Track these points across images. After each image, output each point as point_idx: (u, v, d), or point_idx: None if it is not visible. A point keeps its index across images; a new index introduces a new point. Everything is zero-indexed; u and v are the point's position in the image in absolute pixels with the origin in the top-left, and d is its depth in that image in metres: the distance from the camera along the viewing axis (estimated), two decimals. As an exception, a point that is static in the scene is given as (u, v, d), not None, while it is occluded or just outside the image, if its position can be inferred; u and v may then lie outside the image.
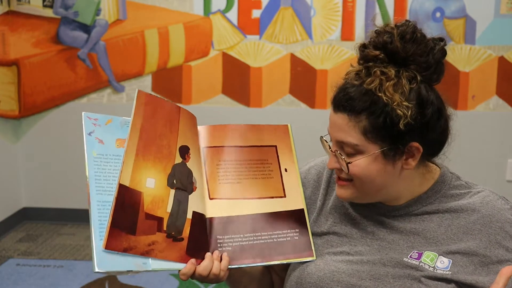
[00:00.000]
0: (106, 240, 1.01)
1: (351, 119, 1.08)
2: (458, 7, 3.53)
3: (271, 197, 1.19)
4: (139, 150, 1.09)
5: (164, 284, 3.05)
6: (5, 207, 3.81)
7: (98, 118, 1.13)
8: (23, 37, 3.79)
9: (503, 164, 3.64)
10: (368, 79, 1.06)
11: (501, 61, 3.55)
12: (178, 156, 1.13)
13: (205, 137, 1.21)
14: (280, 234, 1.16)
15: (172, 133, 1.14)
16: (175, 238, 1.08)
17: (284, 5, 3.64)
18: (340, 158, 1.10)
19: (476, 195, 1.14)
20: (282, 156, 1.23)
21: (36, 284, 3.05)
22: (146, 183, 1.08)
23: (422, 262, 1.09)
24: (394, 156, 1.08)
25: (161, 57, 3.76)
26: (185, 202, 1.11)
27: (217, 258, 1.10)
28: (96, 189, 1.06)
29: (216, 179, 1.18)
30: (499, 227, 1.10)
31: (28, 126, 3.90)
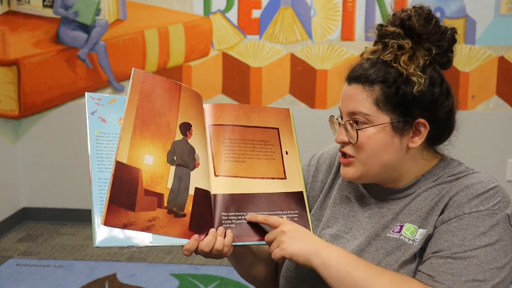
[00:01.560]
0: (105, 216, 1.02)
1: (365, 89, 1.12)
2: (458, 7, 3.53)
3: (272, 178, 1.21)
4: (136, 127, 1.09)
5: (164, 284, 3.05)
6: (5, 207, 3.81)
7: (101, 98, 1.14)
8: (23, 37, 3.79)
9: (503, 164, 3.64)
10: (384, 52, 1.12)
11: (501, 61, 3.55)
12: (178, 133, 1.14)
13: (210, 115, 1.22)
14: (280, 214, 1.18)
15: (172, 110, 1.14)
16: (176, 214, 1.09)
17: (284, 5, 3.64)
18: (350, 127, 1.13)
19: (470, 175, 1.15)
20: (283, 139, 1.25)
21: (36, 284, 3.05)
22: (144, 160, 1.08)
23: (402, 235, 1.12)
24: (402, 129, 1.12)
25: (161, 57, 3.76)
26: (186, 178, 1.12)
27: (221, 234, 1.11)
28: (97, 167, 1.07)
29: (221, 156, 1.19)
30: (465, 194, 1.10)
31: (28, 126, 3.90)
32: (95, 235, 1.02)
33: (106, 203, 1.03)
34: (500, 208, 1.09)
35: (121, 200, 1.04)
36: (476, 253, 1.05)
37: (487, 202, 1.09)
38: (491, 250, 1.06)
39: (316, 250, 1.08)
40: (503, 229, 1.07)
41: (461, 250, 1.05)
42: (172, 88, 1.17)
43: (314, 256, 1.07)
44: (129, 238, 1.04)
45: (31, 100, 3.86)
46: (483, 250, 1.05)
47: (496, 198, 1.10)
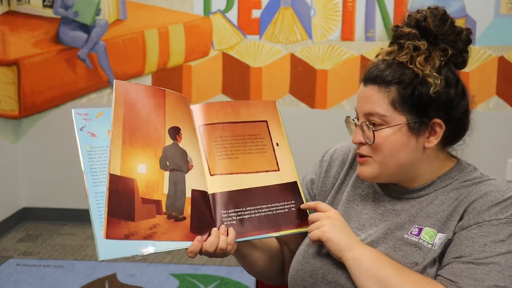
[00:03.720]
0: (106, 230, 1.03)
1: (381, 90, 1.13)
2: (458, 7, 3.53)
3: (266, 170, 1.22)
4: (125, 138, 1.10)
5: (164, 284, 3.05)
6: (5, 207, 3.81)
7: (88, 112, 1.15)
8: (23, 37, 3.79)
9: (503, 164, 3.64)
10: (400, 53, 1.13)
11: (501, 61, 3.55)
12: (168, 138, 1.14)
13: (199, 115, 1.22)
14: (278, 206, 1.19)
15: (159, 117, 1.15)
16: (176, 218, 1.10)
17: (284, 5, 3.64)
18: (367, 128, 1.14)
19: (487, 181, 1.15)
20: (273, 131, 1.26)
21: (36, 284, 3.05)
22: (137, 169, 1.09)
23: (421, 239, 1.13)
24: (418, 130, 1.13)
25: (161, 57, 3.76)
26: (182, 182, 1.12)
27: (224, 233, 1.12)
28: (92, 181, 1.08)
29: (215, 155, 1.20)
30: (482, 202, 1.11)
31: (28, 126, 3.90)
32: (98, 249, 1.03)
33: (105, 216, 1.04)
34: None
35: (119, 211, 1.05)
36: (497, 260, 1.06)
37: (506, 211, 1.10)
38: (511, 257, 1.07)
39: (351, 244, 1.11)
40: None
41: (483, 256, 1.07)
42: (156, 94, 1.17)
43: (348, 249, 1.10)
44: (133, 248, 1.05)
45: (31, 100, 3.86)
46: (503, 257, 1.07)
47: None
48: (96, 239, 1.04)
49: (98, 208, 1.06)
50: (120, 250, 1.04)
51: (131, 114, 1.12)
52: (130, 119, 1.12)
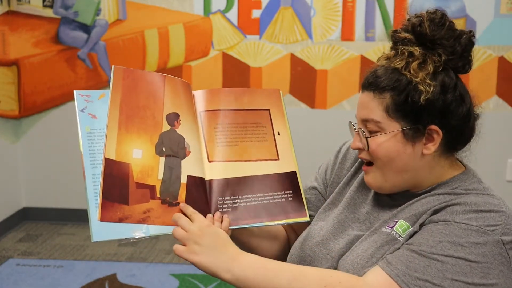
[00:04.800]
0: (100, 212, 1.05)
1: (376, 96, 1.11)
2: (458, 7, 3.53)
3: (265, 159, 1.22)
4: (121, 123, 1.11)
5: (164, 284, 3.05)
6: (5, 207, 3.81)
7: (90, 94, 1.16)
8: (23, 37, 3.79)
9: (503, 164, 3.64)
10: (395, 59, 1.12)
11: (501, 61, 3.55)
12: (166, 124, 1.15)
13: (201, 101, 1.22)
14: (275, 195, 1.19)
15: (157, 103, 1.15)
16: (170, 204, 1.11)
17: (284, 5, 3.64)
18: (361, 135, 1.13)
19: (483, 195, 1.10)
20: (275, 120, 1.25)
21: (36, 284, 3.05)
22: (132, 154, 1.10)
23: (394, 230, 1.11)
24: (413, 137, 1.10)
25: (161, 57, 3.76)
26: (177, 168, 1.13)
27: (218, 219, 1.13)
28: (90, 163, 1.09)
29: (214, 142, 1.20)
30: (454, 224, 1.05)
31: (28, 126, 3.90)
32: (92, 231, 1.04)
33: (100, 199, 1.05)
34: (496, 232, 1.03)
35: (114, 195, 1.07)
36: (443, 259, 1.01)
37: (482, 221, 1.04)
38: (464, 265, 1.01)
39: (227, 264, 1.05)
40: (490, 254, 1.02)
41: (429, 250, 1.03)
42: (155, 80, 1.17)
43: (225, 271, 1.05)
44: (126, 231, 1.06)
45: (31, 100, 3.86)
46: (454, 260, 1.01)
47: (496, 221, 1.04)
48: (90, 221, 1.05)
49: (94, 190, 1.07)
50: (113, 232, 1.05)
51: (128, 100, 1.14)
52: (127, 104, 1.13)
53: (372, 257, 1.10)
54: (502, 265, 1.02)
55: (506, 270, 1.03)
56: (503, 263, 1.02)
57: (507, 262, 1.03)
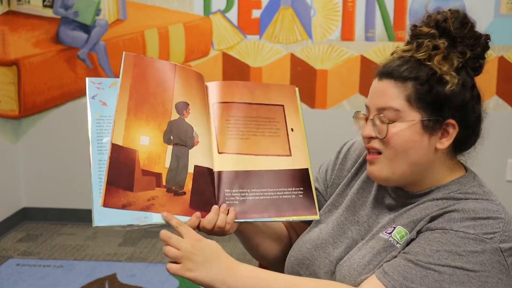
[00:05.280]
0: (104, 198, 1.04)
1: (397, 85, 1.10)
2: (458, 7, 3.53)
3: (277, 155, 1.21)
4: (130, 109, 1.11)
5: (164, 284, 3.05)
6: (5, 207, 3.81)
7: (102, 82, 1.16)
8: (23, 37, 3.79)
9: (503, 164, 3.64)
10: (418, 51, 1.11)
11: (501, 61, 3.55)
12: (175, 113, 1.15)
13: (215, 93, 1.22)
14: (285, 191, 1.18)
15: (166, 91, 1.15)
16: (176, 193, 1.10)
17: (284, 5, 3.64)
18: (380, 122, 1.11)
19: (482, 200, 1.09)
20: (289, 116, 1.25)
21: (36, 284, 3.05)
22: (140, 141, 1.10)
23: (392, 237, 1.10)
24: (432, 129, 1.10)
25: (161, 57, 3.76)
26: (185, 156, 1.13)
27: (224, 212, 1.12)
28: (97, 149, 1.09)
29: (225, 133, 1.19)
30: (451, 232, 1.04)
31: (28, 126, 3.90)
32: (94, 216, 1.04)
33: (104, 185, 1.05)
34: (494, 239, 1.01)
35: (119, 181, 1.06)
36: (441, 269, 1.00)
37: (480, 229, 1.02)
38: (461, 274, 1.00)
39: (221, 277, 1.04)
40: (488, 262, 1.00)
41: (426, 260, 1.01)
42: (166, 69, 1.17)
43: (220, 283, 1.04)
44: (129, 218, 1.05)
45: (31, 100, 3.86)
46: (451, 269, 1.00)
47: (494, 228, 1.03)
48: (93, 206, 1.04)
49: (99, 176, 1.07)
50: (115, 218, 1.05)
51: (138, 86, 1.13)
52: (137, 91, 1.13)
53: (369, 264, 1.09)
54: (500, 273, 1.01)
55: (505, 278, 1.02)
56: (501, 271, 1.01)
57: (506, 269, 1.02)
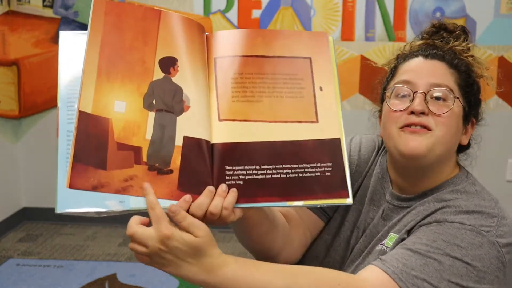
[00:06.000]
0: (70, 178, 0.85)
1: (448, 68, 1.09)
2: (458, 7, 3.53)
3: (299, 121, 0.96)
4: (101, 69, 0.90)
5: (164, 284, 3.04)
6: (5, 207, 3.81)
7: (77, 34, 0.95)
8: (23, 37, 3.79)
9: (503, 164, 3.64)
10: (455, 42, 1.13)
11: (501, 61, 3.55)
12: (158, 71, 0.93)
13: (219, 45, 0.98)
14: (307, 168, 0.93)
15: (148, 45, 0.93)
16: (160, 171, 0.89)
17: (284, 5, 3.64)
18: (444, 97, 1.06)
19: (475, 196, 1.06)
20: (317, 71, 0.99)
21: (36, 284, 3.05)
22: (114, 107, 0.89)
23: (384, 245, 1.07)
24: (466, 121, 1.11)
25: (161, 57, 3.76)
26: (171, 126, 0.91)
27: (222, 194, 0.90)
28: (67, 117, 0.89)
29: (229, 95, 0.95)
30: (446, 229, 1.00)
31: (28, 126, 3.90)
32: (57, 199, 0.85)
33: (71, 162, 0.86)
34: (490, 233, 0.98)
35: (88, 157, 0.86)
36: (441, 259, 0.95)
37: (475, 221, 0.99)
38: (461, 266, 0.95)
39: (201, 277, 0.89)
40: (487, 257, 0.97)
41: (425, 249, 0.96)
42: (147, 16, 0.94)
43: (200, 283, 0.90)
44: (100, 202, 0.86)
45: (31, 100, 3.86)
46: (451, 259, 0.95)
47: (488, 222, 0.99)
48: (57, 188, 0.86)
49: (67, 150, 0.87)
50: (83, 202, 0.85)
51: (111, 40, 0.91)
52: (110, 46, 0.91)
53: None
54: (498, 270, 0.98)
55: (501, 276, 0.99)
56: (499, 268, 0.98)
57: (503, 267, 0.99)
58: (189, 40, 0.95)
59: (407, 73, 1.09)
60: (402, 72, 1.11)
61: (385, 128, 1.10)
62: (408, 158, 1.05)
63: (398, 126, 1.06)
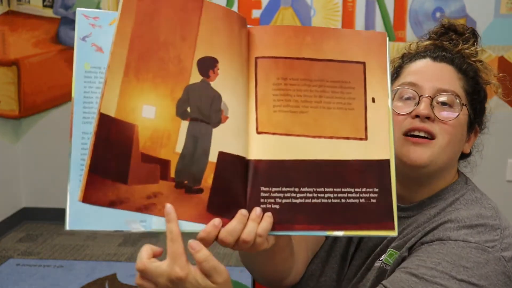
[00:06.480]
0: (84, 190, 0.75)
1: (456, 73, 1.06)
2: (458, 7, 3.53)
3: (346, 137, 0.84)
4: (130, 66, 0.78)
5: (164, 284, 3.04)
6: (5, 207, 3.81)
7: (99, 16, 0.81)
8: (23, 37, 3.79)
9: (503, 164, 3.64)
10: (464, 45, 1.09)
11: (501, 61, 3.55)
12: (196, 73, 0.80)
13: (260, 42, 0.85)
14: (351, 192, 0.83)
15: (186, 41, 0.81)
16: (189, 189, 0.79)
17: (284, 5, 3.64)
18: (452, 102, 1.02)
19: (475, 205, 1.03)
20: (371, 79, 0.86)
21: (36, 284, 3.05)
22: (142, 112, 0.78)
23: (384, 262, 1.02)
24: (470, 128, 1.07)
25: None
26: (206, 138, 0.80)
27: (256, 219, 0.79)
28: (83, 116, 0.78)
29: (270, 104, 0.83)
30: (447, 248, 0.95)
31: (28, 126, 3.91)
32: (68, 214, 0.76)
33: (86, 171, 0.75)
34: (495, 248, 0.94)
35: (107, 168, 0.76)
36: (447, 283, 0.89)
37: (479, 236, 0.94)
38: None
39: None
40: (494, 274, 0.92)
41: (430, 273, 0.90)
42: (188, 6, 0.81)
43: None
44: (118, 220, 0.76)
45: (31, 100, 3.86)
46: (457, 283, 0.89)
47: (492, 235, 0.95)
48: (68, 200, 0.76)
49: (82, 156, 0.77)
50: (98, 220, 0.75)
51: (143, 31, 0.79)
52: (141, 39, 0.79)
53: None
54: (505, 285, 0.94)
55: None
56: (506, 283, 0.94)
57: (510, 281, 0.95)
58: (231, 37, 0.83)
59: (413, 75, 1.05)
60: (407, 73, 1.07)
61: None
62: (409, 168, 1.02)
63: (401, 131, 1.02)
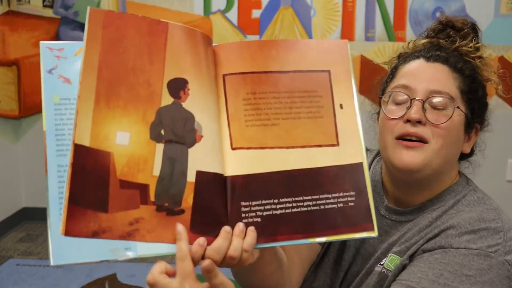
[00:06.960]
0: (65, 224, 0.73)
1: (451, 72, 1.02)
2: (458, 7, 3.53)
3: (318, 145, 0.85)
4: (100, 94, 0.77)
5: (164, 284, 3.04)
6: (5, 207, 3.81)
7: (64, 47, 0.83)
8: (23, 37, 3.80)
9: (503, 164, 3.64)
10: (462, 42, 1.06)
11: (501, 61, 3.55)
12: (167, 96, 0.80)
13: (225, 60, 0.86)
14: (329, 198, 0.84)
15: (154, 64, 0.80)
16: (170, 211, 0.78)
17: (284, 5, 3.64)
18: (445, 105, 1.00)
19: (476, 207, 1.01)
20: (337, 86, 0.87)
21: (36, 284, 3.05)
22: (116, 139, 0.77)
23: (385, 267, 1.01)
24: (468, 128, 1.04)
25: (161, 57, 3.76)
26: (182, 159, 0.80)
27: (240, 234, 0.80)
28: (56, 149, 0.77)
29: (241, 120, 0.84)
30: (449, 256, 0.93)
31: (28, 126, 3.91)
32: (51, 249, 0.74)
33: (66, 204, 0.74)
34: (498, 252, 0.92)
35: (86, 198, 0.75)
36: None
37: (481, 241, 0.92)
38: None
39: None
40: (497, 279, 0.90)
41: (432, 287, 0.88)
42: (153, 30, 0.81)
43: None
44: (103, 251, 0.75)
45: (31, 100, 3.86)
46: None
47: (495, 239, 0.93)
48: (50, 235, 0.74)
49: (60, 189, 0.76)
50: (83, 251, 0.74)
51: (110, 60, 0.79)
52: (109, 66, 0.78)
53: None
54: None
55: None
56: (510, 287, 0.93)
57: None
58: (198, 57, 0.83)
59: (406, 77, 1.03)
60: (401, 75, 1.05)
61: (381, 136, 1.06)
62: (402, 172, 1.01)
63: (393, 136, 1.01)
